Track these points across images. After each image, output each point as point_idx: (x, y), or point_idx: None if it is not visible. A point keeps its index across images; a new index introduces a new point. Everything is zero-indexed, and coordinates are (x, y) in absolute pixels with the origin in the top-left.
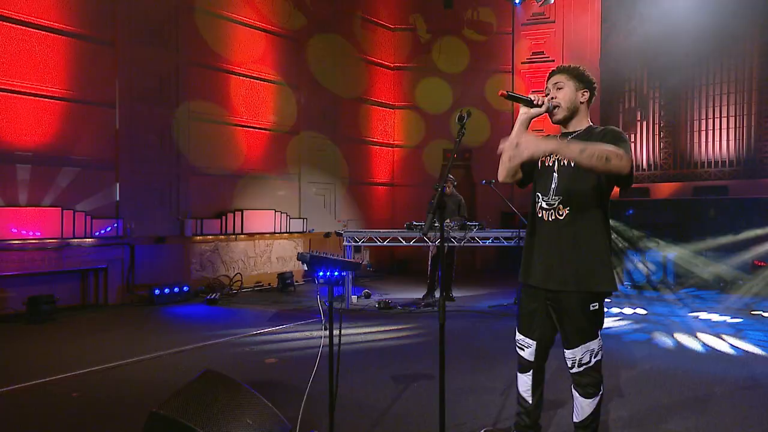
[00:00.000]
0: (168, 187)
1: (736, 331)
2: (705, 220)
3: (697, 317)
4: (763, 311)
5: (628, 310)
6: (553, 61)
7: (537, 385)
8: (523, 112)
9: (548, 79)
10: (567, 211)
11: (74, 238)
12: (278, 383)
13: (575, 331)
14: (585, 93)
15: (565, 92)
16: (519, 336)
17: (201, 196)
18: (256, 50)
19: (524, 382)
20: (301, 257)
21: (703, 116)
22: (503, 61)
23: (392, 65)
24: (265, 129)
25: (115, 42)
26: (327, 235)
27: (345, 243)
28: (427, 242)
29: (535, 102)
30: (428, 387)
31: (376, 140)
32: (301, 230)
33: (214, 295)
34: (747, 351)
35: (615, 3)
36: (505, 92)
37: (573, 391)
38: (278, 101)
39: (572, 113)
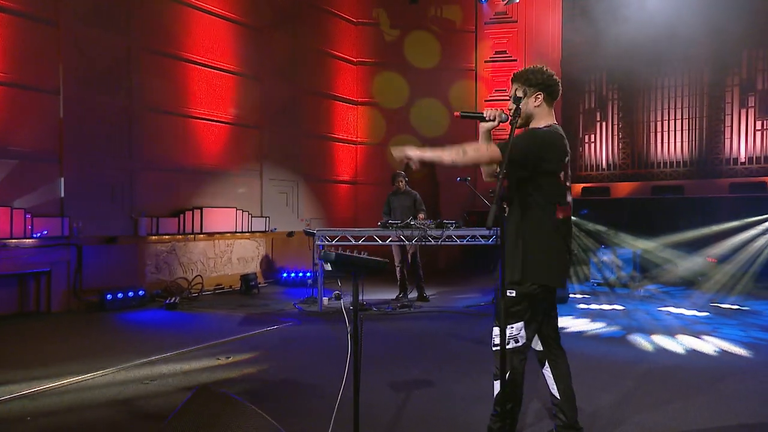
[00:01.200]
0: (120, 182)
1: (705, 325)
2: (663, 219)
3: (669, 312)
4: (731, 305)
5: (598, 306)
6: (516, 60)
7: (560, 376)
8: (481, 125)
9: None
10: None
11: (12, 238)
12: (270, 394)
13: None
14: (538, 96)
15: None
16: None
17: (156, 193)
18: (217, 39)
19: (546, 376)
20: (325, 256)
21: (659, 118)
22: (467, 60)
23: (355, 60)
24: (225, 122)
25: (59, 22)
26: (290, 234)
27: (317, 242)
28: (404, 241)
29: (487, 117)
30: (433, 392)
31: (339, 137)
32: (264, 229)
33: (173, 299)
34: (715, 344)
35: (577, 5)
36: (458, 113)
37: None
38: (239, 94)
39: (526, 120)
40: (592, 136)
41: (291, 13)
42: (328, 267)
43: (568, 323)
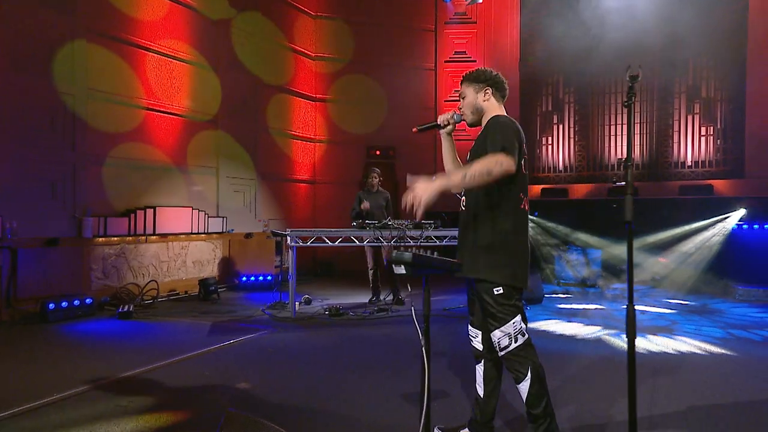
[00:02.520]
0: (61, 177)
1: (671, 322)
2: (620, 220)
3: (643, 312)
4: (693, 302)
5: (572, 306)
6: (475, 61)
7: (489, 378)
8: (441, 132)
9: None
10: (467, 204)
11: None
12: (282, 418)
13: (481, 314)
14: (486, 91)
15: (467, 100)
16: (469, 328)
17: (104, 190)
18: (173, 26)
19: (477, 373)
20: (398, 258)
21: (613, 122)
22: (427, 59)
23: (313, 55)
24: (179, 115)
25: None
26: (248, 236)
27: (291, 243)
28: (381, 242)
29: (441, 124)
30: (450, 406)
31: (298, 134)
32: (221, 230)
33: (126, 307)
34: (682, 339)
35: (535, 10)
36: (416, 128)
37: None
38: (195, 85)
39: (479, 114)
40: (550, 138)
41: (250, 3)
42: (401, 270)
43: (546, 323)
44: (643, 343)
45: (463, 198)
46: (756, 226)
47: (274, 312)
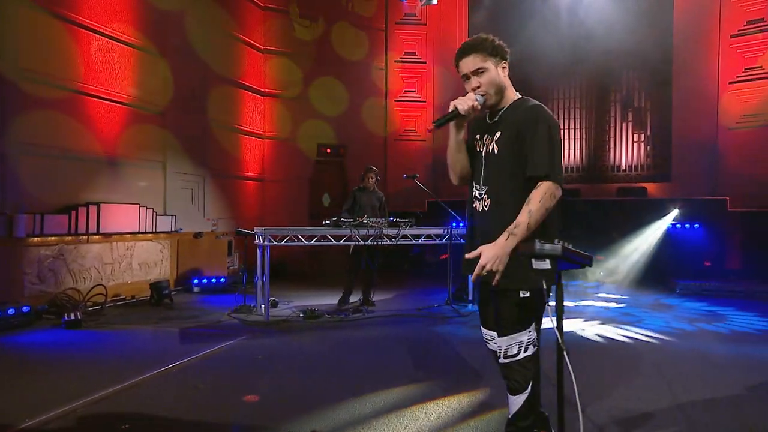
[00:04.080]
0: None
1: (621, 314)
2: (565, 219)
3: (594, 306)
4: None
5: None
6: (425, 62)
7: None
8: (455, 123)
9: (460, 62)
10: (490, 202)
11: None
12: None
13: (505, 318)
14: (504, 65)
15: (488, 76)
16: (483, 330)
17: (39, 184)
18: (121, 6)
19: None
20: (542, 251)
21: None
22: (378, 58)
23: (262, 47)
24: (124, 103)
25: None
26: (198, 235)
27: (260, 243)
28: (356, 242)
29: (464, 112)
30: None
31: (246, 129)
32: (169, 230)
33: (72, 315)
34: (629, 329)
35: (482, 15)
36: (432, 125)
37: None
38: (141, 72)
39: (501, 94)
40: None
41: None
42: (545, 264)
43: None
44: (591, 332)
45: (485, 197)
46: (688, 226)
47: (242, 316)
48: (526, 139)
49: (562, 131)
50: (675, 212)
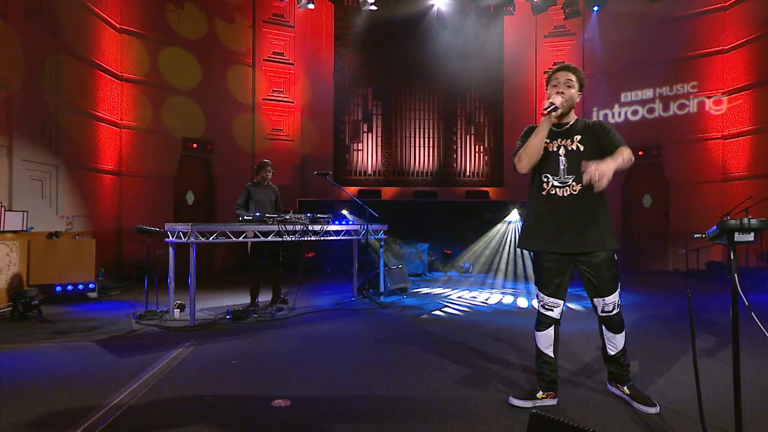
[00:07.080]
0: None
1: (487, 297)
2: (425, 218)
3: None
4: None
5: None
6: (293, 64)
7: (557, 341)
8: (548, 116)
9: (558, 72)
10: (579, 188)
11: None
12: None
13: (609, 281)
14: (580, 94)
15: (571, 92)
16: (549, 299)
17: None
18: None
19: (548, 337)
20: (747, 225)
21: (412, 135)
22: (245, 54)
23: (119, 26)
24: None
25: None
26: (53, 235)
27: (192, 240)
28: (287, 238)
29: (557, 104)
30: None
31: (103, 115)
32: (18, 229)
33: None
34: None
35: (347, 23)
36: (545, 111)
37: (606, 331)
38: None
39: (570, 108)
40: (360, 144)
41: None
42: (749, 237)
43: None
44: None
45: (573, 183)
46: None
47: (157, 323)
48: (602, 138)
49: (417, 139)
50: (515, 211)
